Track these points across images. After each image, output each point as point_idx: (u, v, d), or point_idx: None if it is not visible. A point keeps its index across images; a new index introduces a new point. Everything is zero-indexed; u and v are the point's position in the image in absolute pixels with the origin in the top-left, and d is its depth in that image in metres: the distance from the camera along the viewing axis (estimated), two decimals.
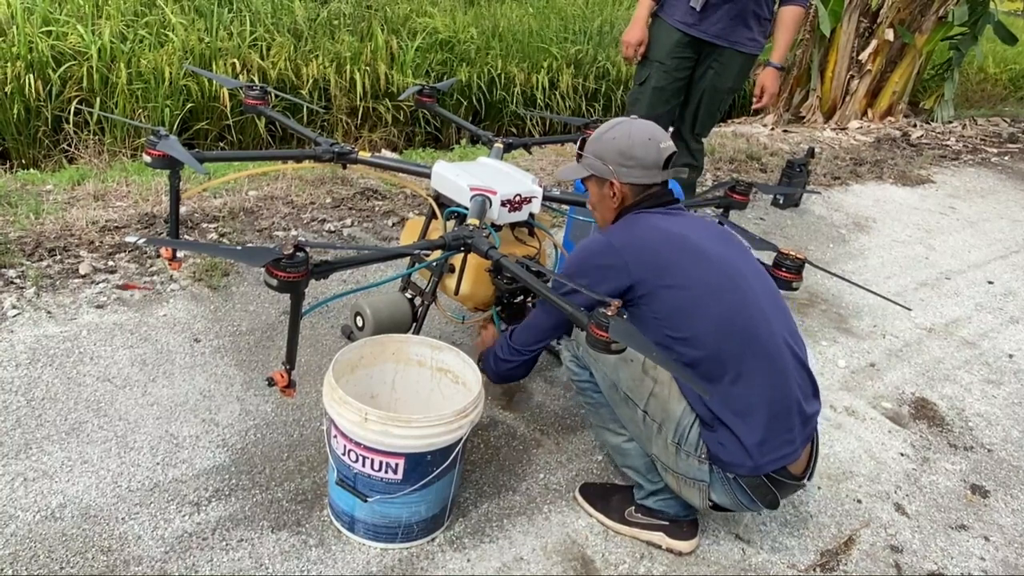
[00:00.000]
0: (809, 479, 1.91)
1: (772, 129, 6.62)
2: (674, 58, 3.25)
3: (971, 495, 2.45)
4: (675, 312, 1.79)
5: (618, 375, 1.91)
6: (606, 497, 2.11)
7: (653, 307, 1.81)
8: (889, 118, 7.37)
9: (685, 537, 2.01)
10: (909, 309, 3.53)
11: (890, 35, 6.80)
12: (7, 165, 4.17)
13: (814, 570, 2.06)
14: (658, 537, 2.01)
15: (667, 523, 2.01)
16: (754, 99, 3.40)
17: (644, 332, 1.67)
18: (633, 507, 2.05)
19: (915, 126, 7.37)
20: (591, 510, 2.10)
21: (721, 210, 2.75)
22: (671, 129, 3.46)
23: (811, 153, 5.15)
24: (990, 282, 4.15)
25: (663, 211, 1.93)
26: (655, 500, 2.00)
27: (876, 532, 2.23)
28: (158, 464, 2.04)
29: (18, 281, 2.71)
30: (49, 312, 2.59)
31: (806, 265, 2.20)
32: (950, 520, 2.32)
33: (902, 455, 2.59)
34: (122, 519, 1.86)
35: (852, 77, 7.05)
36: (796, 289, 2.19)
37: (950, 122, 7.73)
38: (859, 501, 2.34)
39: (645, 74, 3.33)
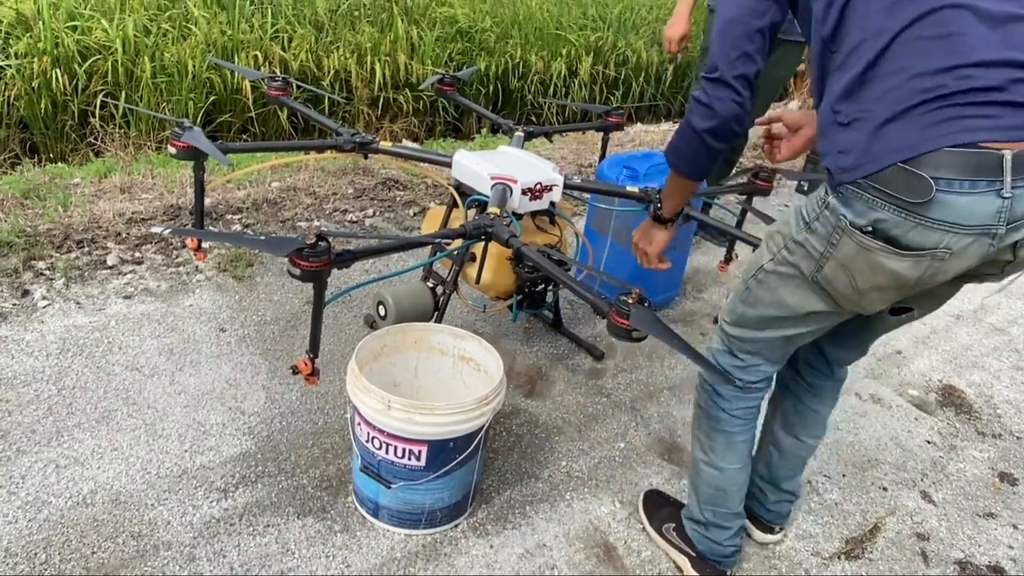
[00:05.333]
0: None
1: None
2: None
3: (999, 483, 2.42)
4: None
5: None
6: (660, 506, 2.06)
7: None
8: None
9: (708, 574, 1.89)
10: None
11: None
12: (36, 159, 4.22)
13: (839, 558, 2.05)
14: (682, 561, 1.92)
15: (694, 555, 1.91)
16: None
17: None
18: (673, 524, 1.97)
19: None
20: (641, 509, 2.07)
21: (744, 197, 2.72)
22: None
23: None
24: None
25: None
26: (692, 527, 1.90)
27: (902, 520, 2.21)
28: (186, 451, 2.08)
29: (48, 273, 2.76)
30: (78, 303, 2.64)
31: None
32: (978, 508, 2.30)
33: (929, 443, 2.56)
34: (151, 505, 1.90)
35: None
36: None
37: None
38: (885, 489, 2.32)
39: None
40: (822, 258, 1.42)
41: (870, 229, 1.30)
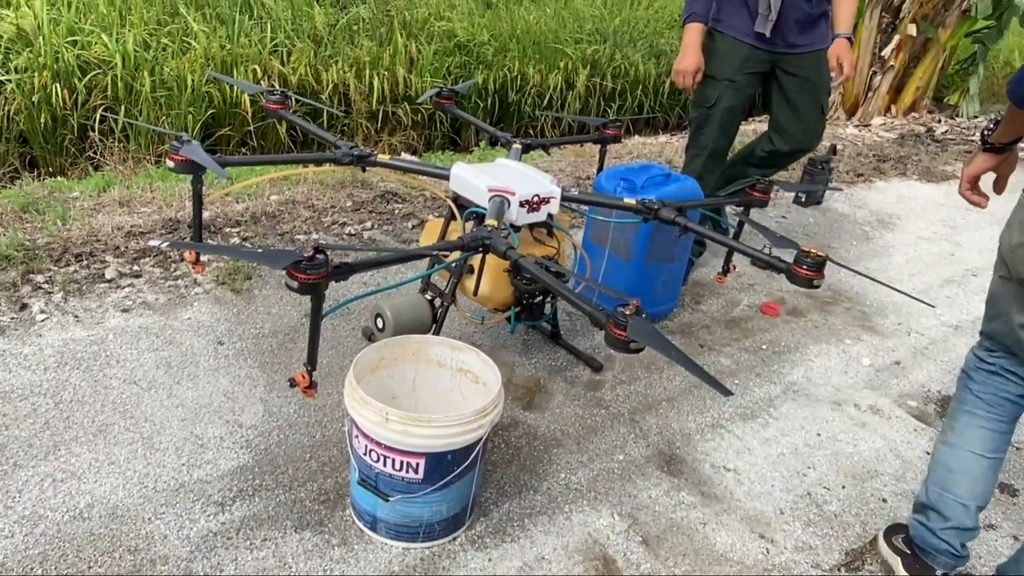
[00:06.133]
0: None
1: None
2: (745, 74, 3.07)
3: (999, 494, 2.41)
4: None
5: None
6: (899, 529, 2.11)
7: None
8: (913, 114, 7.27)
9: (918, 573, 1.98)
10: (932, 306, 3.48)
11: (913, 30, 6.71)
12: (35, 173, 4.24)
13: (839, 570, 2.04)
14: (895, 561, 2.02)
15: (909, 555, 2.00)
16: (832, 73, 3.13)
17: None
18: (903, 535, 2.06)
19: (940, 121, 7.27)
20: (883, 530, 2.14)
21: (742, 208, 2.73)
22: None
23: (833, 150, 5.10)
24: None
25: None
26: (914, 516, 2.01)
27: None
28: (183, 465, 2.07)
29: (46, 286, 2.76)
30: (76, 316, 2.64)
31: (829, 263, 2.18)
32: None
33: (928, 454, 2.55)
34: (148, 519, 1.89)
35: (875, 73, 6.97)
36: (818, 287, 2.16)
37: (976, 117, 7.62)
38: (884, 500, 2.31)
39: (714, 95, 3.08)
40: (1010, 226, 1.75)
41: None
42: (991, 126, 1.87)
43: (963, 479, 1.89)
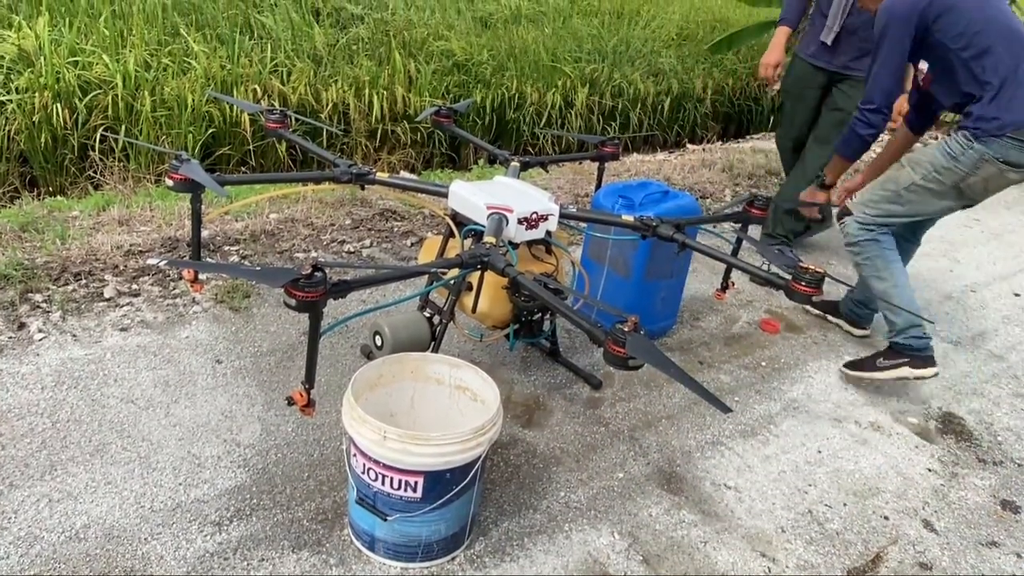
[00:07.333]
0: None
1: None
2: (805, 88, 3.70)
3: (1002, 511, 2.40)
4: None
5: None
6: (861, 364, 2.88)
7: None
8: None
9: (926, 366, 2.68)
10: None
11: None
12: (35, 192, 4.25)
13: None
14: (904, 371, 2.69)
15: (908, 359, 2.68)
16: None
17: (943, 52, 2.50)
18: (881, 356, 2.77)
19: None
20: (852, 372, 2.88)
21: (740, 225, 2.73)
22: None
23: None
24: (1016, 294, 4.09)
25: None
26: (902, 336, 2.70)
27: (904, 549, 2.19)
28: (180, 484, 2.06)
29: (44, 305, 2.75)
30: (74, 335, 2.63)
31: (827, 279, 2.18)
32: (980, 537, 2.27)
33: (930, 471, 2.54)
34: (145, 539, 1.88)
35: None
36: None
37: None
38: (886, 518, 2.30)
39: (783, 103, 3.90)
40: (967, 175, 2.56)
41: (1004, 160, 2.47)
42: (824, 175, 2.95)
43: (912, 297, 2.76)
